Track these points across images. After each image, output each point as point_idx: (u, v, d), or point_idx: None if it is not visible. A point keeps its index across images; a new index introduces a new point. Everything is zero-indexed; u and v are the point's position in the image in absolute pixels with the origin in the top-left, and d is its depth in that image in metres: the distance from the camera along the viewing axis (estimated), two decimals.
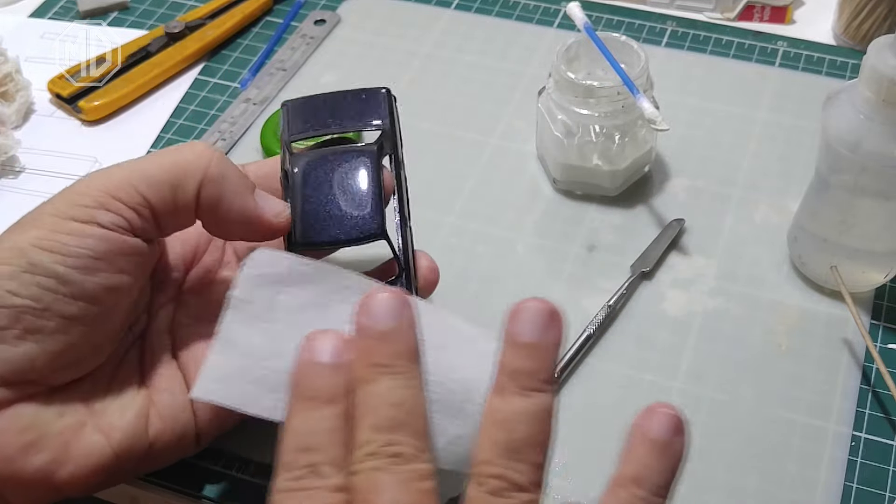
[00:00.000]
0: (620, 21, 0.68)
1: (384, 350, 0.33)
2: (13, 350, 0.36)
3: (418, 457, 0.32)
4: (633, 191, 0.57)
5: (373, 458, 0.31)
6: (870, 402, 0.47)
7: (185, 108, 0.64)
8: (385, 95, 0.45)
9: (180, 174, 0.39)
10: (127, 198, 0.38)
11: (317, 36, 0.68)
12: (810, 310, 0.51)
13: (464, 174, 0.58)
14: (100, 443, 0.38)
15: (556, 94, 0.54)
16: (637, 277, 0.52)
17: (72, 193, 0.38)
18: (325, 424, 0.33)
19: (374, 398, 0.32)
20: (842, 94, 0.46)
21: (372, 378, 0.33)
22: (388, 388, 0.33)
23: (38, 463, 0.37)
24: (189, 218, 0.40)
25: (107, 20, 0.71)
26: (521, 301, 0.34)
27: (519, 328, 0.34)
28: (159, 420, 0.40)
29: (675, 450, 0.33)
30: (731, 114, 0.61)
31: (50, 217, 0.38)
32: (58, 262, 0.37)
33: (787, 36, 0.66)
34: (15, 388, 0.37)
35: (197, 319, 0.43)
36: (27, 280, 0.36)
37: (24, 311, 0.36)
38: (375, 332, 0.34)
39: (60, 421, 0.38)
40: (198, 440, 0.41)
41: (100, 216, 0.38)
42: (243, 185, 0.40)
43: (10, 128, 0.62)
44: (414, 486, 0.31)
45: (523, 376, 0.33)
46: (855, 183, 0.46)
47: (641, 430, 0.33)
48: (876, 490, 0.44)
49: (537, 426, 0.33)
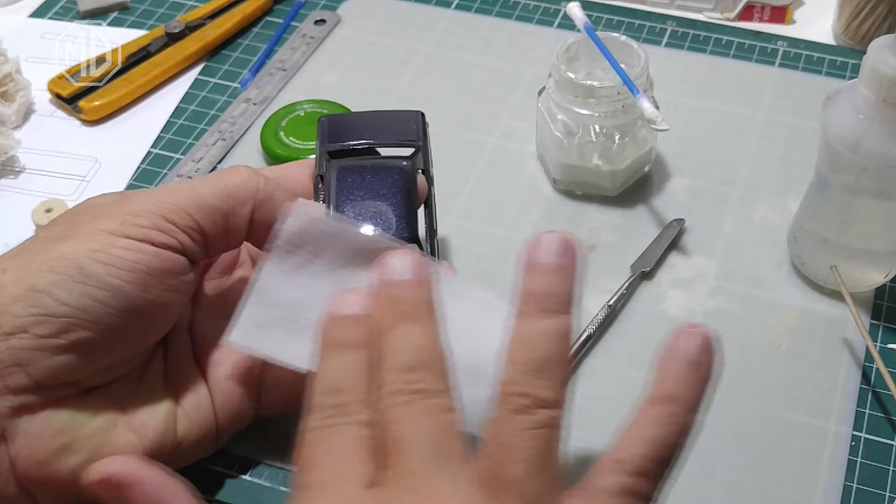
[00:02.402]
0: (620, 21, 0.68)
1: (406, 300, 0.35)
2: (55, 358, 0.37)
3: (440, 392, 0.33)
4: (633, 191, 0.57)
5: (398, 395, 0.32)
6: (870, 402, 0.47)
7: (185, 108, 0.64)
8: (419, 116, 0.48)
9: (232, 202, 0.41)
10: (180, 221, 0.39)
11: (317, 36, 0.68)
12: (810, 310, 0.51)
13: (464, 174, 0.58)
14: (132, 442, 0.39)
15: (556, 94, 0.54)
16: (637, 277, 0.52)
17: (125, 214, 0.39)
18: (352, 368, 0.34)
19: (398, 341, 0.34)
20: (842, 94, 0.46)
21: (395, 323, 0.34)
22: (410, 332, 0.34)
23: (72, 465, 0.37)
24: (238, 241, 0.42)
25: (107, 20, 0.71)
26: (535, 236, 0.35)
27: (538, 254, 0.34)
28: (186, 418, 0.41)
29: (706, 368, 0.34)
30: (731, 114, 0.61)
31: (104, 234, 0.38)
32: (112, 274, 0.37)
33: (787, 36, 0.66)
34: (50, 391, 0.37)
35: (214, 319, 0.43)
36: (77, 290, 0.37)
37: (72, 322, 0.37)
38: (396, 282, 0.35)
39: (93, 422, 0.38)
40: (218, 437, 0.42)
41: (154, 236, 0.39)
42: (288, 199, 0.42)
43: (10, 128, 0.62)
44: (438, 417, 0.32)
45: (544, 297, 0.34)
46: (855, 183, 0.46)
47: (671, 350, 0.34)
48: (876, 490, 0.44)
49: (560, 345, 0.33)
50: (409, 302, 0.35)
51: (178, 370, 0.42)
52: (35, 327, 0.36)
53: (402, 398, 0.32)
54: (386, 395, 0.33)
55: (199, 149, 0.60)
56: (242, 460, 0.45)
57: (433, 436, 0.32)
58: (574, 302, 0.34)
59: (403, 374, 0.33)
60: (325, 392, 0.34)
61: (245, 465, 0.45)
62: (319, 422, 0.33)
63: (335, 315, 0.36)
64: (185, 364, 0.42)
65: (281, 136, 0.59)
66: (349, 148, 0.46)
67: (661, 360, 0.34)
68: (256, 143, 0.60)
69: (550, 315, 0.33)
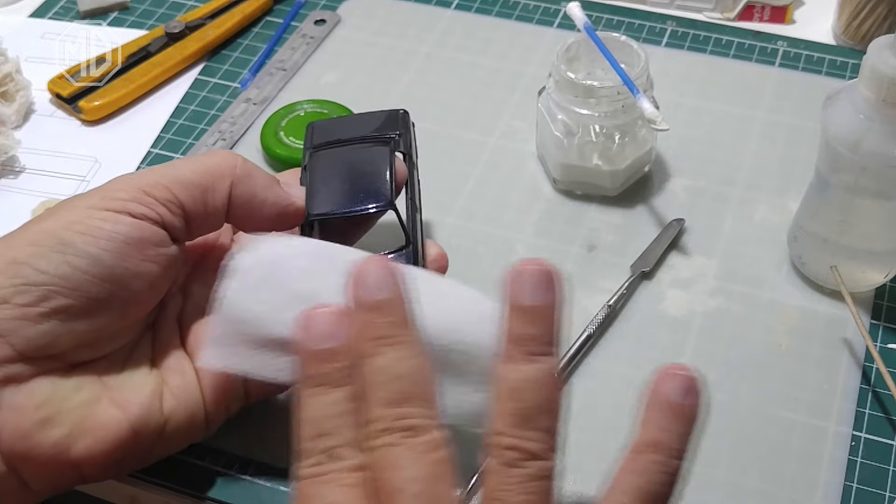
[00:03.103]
0: (620, 21, 0.68)
1: (382, 321, 0.34)
2: (36, 327, 0.37)
3: (430, 427, 0.33)
4: (633, 191, 0.57)
5: (386, 434, 0.32)
6: (870, 402, 0.47)
7: (185, 108, 0.64)
8: (402, 114, 0.49)
9: (210, 178, 0.42)
10: (159, 195, 0.40)
11: (317, 36, 0.68)
12: (810, 310, 0.51)
13: (464, 174, 0.58)
14: (116, 416, 0.39)
15: (556, 94, 0.54)
16: (637, 277, 0.52)
17: (105, 190, 0.40)
18: (336, 409, 0.34)
19: (380, 373, 0.33)
20: (842, 94, 0.46)
21: (375, 352, 0.34)
22: (391, 360, 0.33)
23: (55, 437, 0.37)
24: (219, 221, 0.43)
25: (107, 20, 0.71)
26: (518, 264, 0.35)
27: (520, 292, 0.34)
28: (172, 397, 0.41)
29: (690, 411, 0.34)
30: (731, 114, 0.61)
31: (83, 208, 0.39)
32: (90, 243, 0.38)
33: (787, 36, 0.66)
34: (34, 363, 0.38)
35: (203, 309, 0.43)
36: (56, 259, 0.38)
37: (52, 289, 0.37)
38: (371, 302, 0.34)
39: (77, 395, 0.39)
40: (207, 424, 0.42)
41: (132, 207, 0.40)
42: (269, 179, 0.43)
43: (10, 128, 0.62)
44: (429, 458, 0.32)
45: (529, 341, 0.34)
46: (855, 183, 0.46)
47: (655, 394, 0.34)
48: (876, 490, 0.44)
49: (545, 391, 0.33)
50: (386, 323, 0.34)
51: (165, 354, 0.42)
52: (16, 297, 0.37)
53: (390, 438, 0.32)
54: (375, 433, 0.32)
55: (199, 149, 0.60)
56: (242, 460, 0.45)
57: (426, 486, 0.32)
58: (558, 339, 0.34)
59: (391, 410, 0.33)
60: (312, 437, 0.33)
61: (245, 465, 0.45)
62: (310, 469, 0.33)
63: (309, 349, 0.34)
64: (172, 349, 0.42)
65: (281, 136, 0.59)
66: (332, 144, 0.47)
67: (646, 403, 0.34)
68: (256, 143, 0.60)
69: (536, 359, 0.33)
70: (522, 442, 0.32)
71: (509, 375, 0.33)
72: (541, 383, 0.33)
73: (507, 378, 0.33)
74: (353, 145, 0.47)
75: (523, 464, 0.32)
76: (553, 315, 0.34)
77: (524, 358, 0.33)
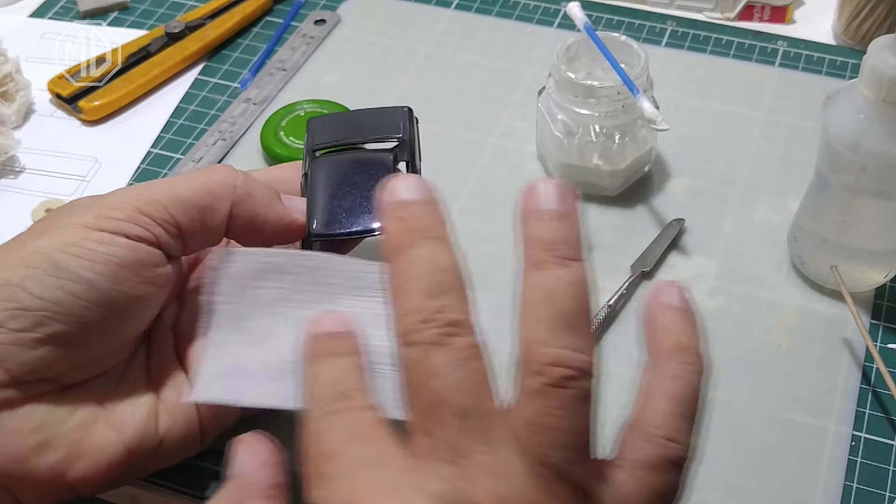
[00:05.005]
0: (620, 21, 0.68)
1: (418, 217, 0.32)
2: (31, 352, 0.36)
3: (468, 326, 0.30)
4: (633, 191, 0.57)
5: (427, 326, 0.30)
6: (870, 402, 0.47)
7: (185, 108, 0.64)
8: (406, 112, 0.47)
9: (210, 198, 0.40)
10: (156, 214, 0.39)
11: (317, 36, 0.68)
12: (810, 310, 0.51)
13: (464, 174, 0.58)
14: (112, 438, 0.38)
15: (556, 94, 0.54)
16: (637, 277, 0.52)
17: (100, 207, 0.39)
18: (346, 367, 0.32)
19: (419, 264, 0.31)
20: (842, 94, 0.46)
21: (413, 242, 0.31)
22: (431, 252, 0.31)
23: (51, 461, 0.37)
24: (217, 237, 0.42)
25: (107, 20, 0.71)
26: (529, 183, 0.33)
27: (539, 201, 0.32)
28: (168, 416, 0.40)
29: (692, 314, 0.33)
30: (731, 114, 0.61)
31: (78, 227, 0.38)
32: (85, 267, 0.37)
33: (787, 36, 0.66)
34: (28, 386, 0.37)
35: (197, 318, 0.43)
36: (51, 283, 0.37)
37: (46, 315, 0.36)
38: (406, 202, 0.32)
39: (72, 418, 0.38)
40: (202, 437, 0.42)
41: (128, 228, 0.38)
42: (270, 194, 0.42)
43: (10, 128, 0.62)
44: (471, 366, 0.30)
45: (560, 245, 0.31)
46: (855, 183, 0.46)
47: (660, 305, 0.33)
48: (876, 490, 0.44)
49: (584, 298, 0.31)
50: (422, 220, 0.32)
51: (160, 367, 0.42)
52: (10, 321, 0.36)
53: (431, 332, 0.30)
54: (415, 324, 0.30)
55: (199, 149, 0.60)
56: None
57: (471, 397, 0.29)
58: (585, 250, 0.31)
59: (431, 301, 0.30)
60: (323, 386, 0.32)
61: None
62: (324, 408, 0.31)
63: (316, 333, 0.34)
64: (167, 362, 0.42)
65: (281, 135, 0.59)
66: (334, 145, 0.47)
67: (651, 318, 0.33)
68: (256, 142, 0.60)
69: (569, 263, 0.31)
70: (567, 354, 0.29)
71: (543, 280, 0.30)
72: (579, 288, 0.30)
73: (539, 284, 0.30)
74: (355, 151, 0.46)
75: (570, 383, 0.29)
76: (575, 222, 0.32)
77: (557, 261, 0.31)
